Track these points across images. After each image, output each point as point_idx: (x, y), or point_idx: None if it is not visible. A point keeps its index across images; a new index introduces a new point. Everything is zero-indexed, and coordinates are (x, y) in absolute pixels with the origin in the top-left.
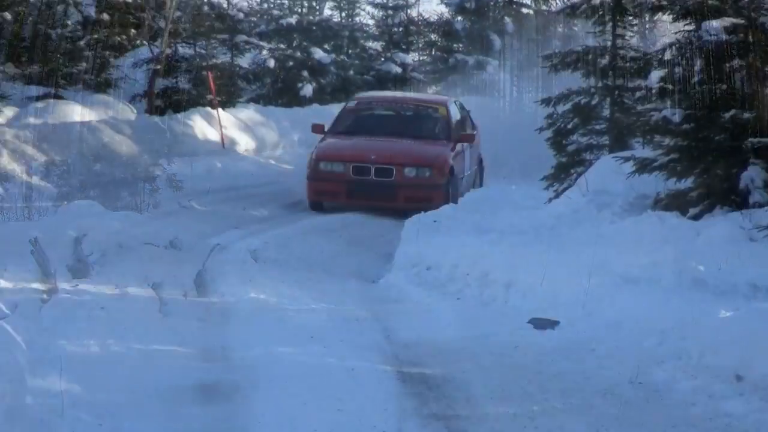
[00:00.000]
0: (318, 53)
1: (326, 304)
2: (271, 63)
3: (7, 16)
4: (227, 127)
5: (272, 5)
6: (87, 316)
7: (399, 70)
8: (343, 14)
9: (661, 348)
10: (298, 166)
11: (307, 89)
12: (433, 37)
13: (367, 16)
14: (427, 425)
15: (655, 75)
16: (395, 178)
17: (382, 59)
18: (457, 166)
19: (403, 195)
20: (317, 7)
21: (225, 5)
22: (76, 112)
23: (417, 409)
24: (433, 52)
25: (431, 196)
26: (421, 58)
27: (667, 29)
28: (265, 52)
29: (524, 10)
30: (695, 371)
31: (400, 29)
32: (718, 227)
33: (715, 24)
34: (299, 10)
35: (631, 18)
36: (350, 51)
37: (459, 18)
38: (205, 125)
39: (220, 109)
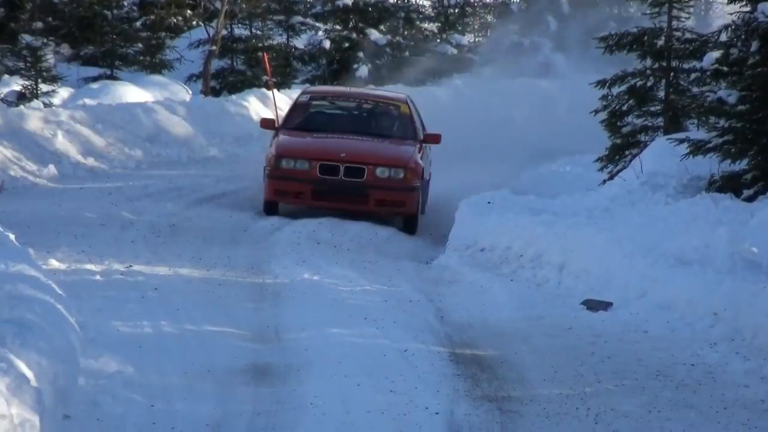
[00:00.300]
0: (374, 34)
1: (380, 286)
2: (327, 44)
3: None
4: (283, 109)
5: None
6: (140, 297)
7: (454, 51)
8: None
9: (713, 330)
10: None
11: (363, 70)
12: (488, 18)
13: None
14: (479, 406)
15: (710, 57)
16: (366, 179)
17: (438, 40)
18: (425, 168)
19: (374, 197)
20: None
21: None
22: (132, 93)
23: (469, 390)
24: (488, 34)
25: (404, 200)
26: (477, 40)
27: (723, 11)
28: (320, 33)
29: None
30: (748, 353)
31: (456, 10)
32: None
33: None
34: None
35: None
36: (406, 32)
37: None
38: (261, 106)
39: (275, 90)
